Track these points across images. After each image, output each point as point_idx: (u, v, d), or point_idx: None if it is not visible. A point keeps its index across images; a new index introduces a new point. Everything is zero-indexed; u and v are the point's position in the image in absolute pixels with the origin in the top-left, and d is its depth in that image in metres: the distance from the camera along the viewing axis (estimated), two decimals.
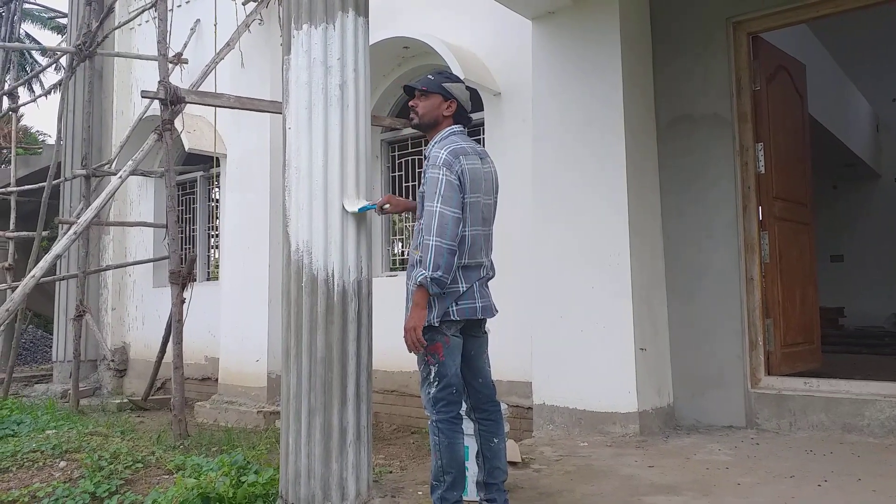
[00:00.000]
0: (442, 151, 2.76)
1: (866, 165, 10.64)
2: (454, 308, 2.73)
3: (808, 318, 5.13)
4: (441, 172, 2.71)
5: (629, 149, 4.62)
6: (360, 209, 3.09)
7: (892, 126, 11.22)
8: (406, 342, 2.70)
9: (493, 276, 2.94)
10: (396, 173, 7.12)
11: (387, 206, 3.11)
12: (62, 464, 3.87)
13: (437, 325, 2.71)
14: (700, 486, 3.28)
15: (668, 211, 4.92)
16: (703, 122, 4.86)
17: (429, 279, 2.63)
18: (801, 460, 3.67)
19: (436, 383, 2.72)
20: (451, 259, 2.65)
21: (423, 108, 2.95)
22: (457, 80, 3.03)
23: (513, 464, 3.59)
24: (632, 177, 4.62)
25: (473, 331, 2.87)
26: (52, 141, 14.28)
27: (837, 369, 5.04)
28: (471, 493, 3.03)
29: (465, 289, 2.76)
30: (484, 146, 5.56)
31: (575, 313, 4.65)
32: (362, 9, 3.38)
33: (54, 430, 4.61)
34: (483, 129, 6.11)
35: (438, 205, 2.67)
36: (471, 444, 2.99)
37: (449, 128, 2.90)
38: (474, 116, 6.19)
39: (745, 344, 4.61)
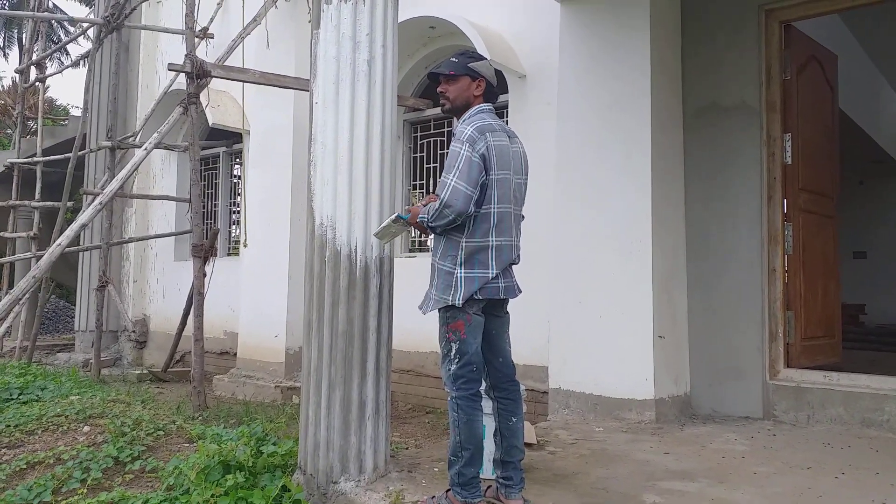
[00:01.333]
0: (468, 127, 2.76)
1: (894, 162, 10.47)
2: (478, 293, 2.74)
3: (829, 311, 5.08)
4: (463, 148, 2.70)
5: (655, 135, 4.59)
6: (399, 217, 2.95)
7: None
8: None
9: (517, 262, 2.93)
10: (418, 154, 7.12)
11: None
12: (86, 428, 3.96)
13: (459, 305, 2.73)
14: (715, 473, 3.28)
15: (693, 199, 4.89)
16: (731, 111, 4.81)
17: (425, 224, 2.75)
18: (818, 452, 3.65)
19: (456, 360, 2.74)
20: (448, 226, 2.71)
21: (452, 91, 2.92)
22: (480, 58, 3.01)
23: (528, 445, 3.60)
24: (657, 164, 4.58)
25: (495, 310, 2.88)
26: (78, 112, 14.42)
27: (857, 365, 4.99)
28: (487, 470, 3.05)
29: (493, 274, 2.75)
30: None
31: (594, 299, 4.65)
32: None
33: (78, 397, 4.71)
34: (507, 112, 6.08)
35: (454, 178, 2.67)
36: (489, 423, 3.01)
37: (478, 106, 2.89)
38: (499, 99, 6.19)
39: (764, 335, 4.58)
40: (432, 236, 2.90)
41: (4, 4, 24.67)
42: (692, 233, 4.88)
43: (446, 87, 2.93)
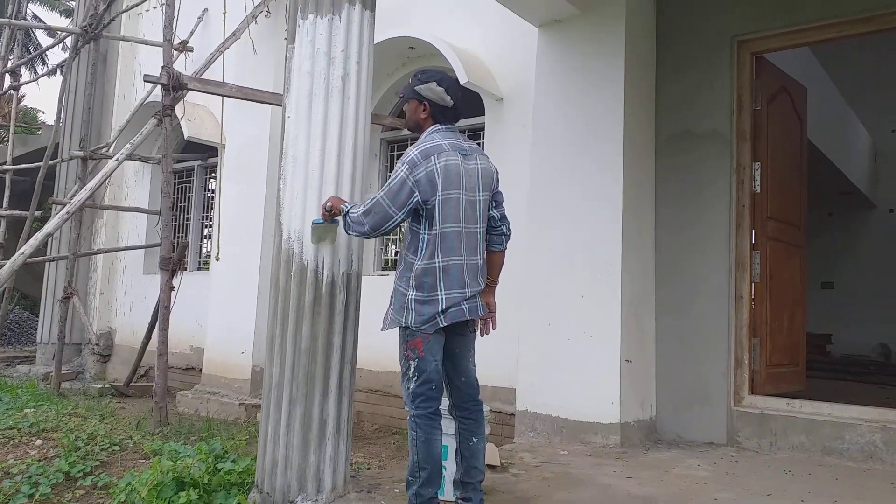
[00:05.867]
0: (414, 150, 2.81)
1: (862, 195, 10.70)
2: (441, 316, 2.73)
3: (794, 339, 5.13)
4: (402, 170, 2.75)
5: (627, 161, 4.63)
6: (313, 223, 3.03)
7: (890, 157, 11.29)
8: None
9: (480, 286, 2.90)
10: None
11: (328, 204, 2.98)
12: (38, 442, 3.85)
13: (414, 329, 2.71)
14: (677, 499, 3.27)
15: (663, 225, 4.93)
16: (702, 139, 4.88)
17: (345, 212, 2.85)
18: (779, 480, 3.66)
19: (415, 378, 2.72)
20: (358, 234, 2.86)
21: (407, 112, 3.02)
22: (428, 78, 2.92)
23: (491, 467, 3.57)
24: (628, 189, 4.62)
25: (459, 329, 2.86)
26: (51, 121, 14.25)
27: (821, 393, 5.04)
28: (447, 492, 3.02)
29: (444, 303, 2.72)
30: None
31: (563, 321, 4.65)
32: (369, 2, 3.39)
33: (33, 409, 4.58)
34: (483, 134, 6.11)
35: (382, 194, 2.75)
36: (450, 443, 2.98)
37: (433, 126, 2.90)
38: (475, 121, 6.21)
39: (730, 362, 4.61)
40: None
41: None
42: (662, 258, 4.91)
43: (405, 108, 3.03)
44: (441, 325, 2.73)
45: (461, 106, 2.96)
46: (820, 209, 10.59)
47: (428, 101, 2.89)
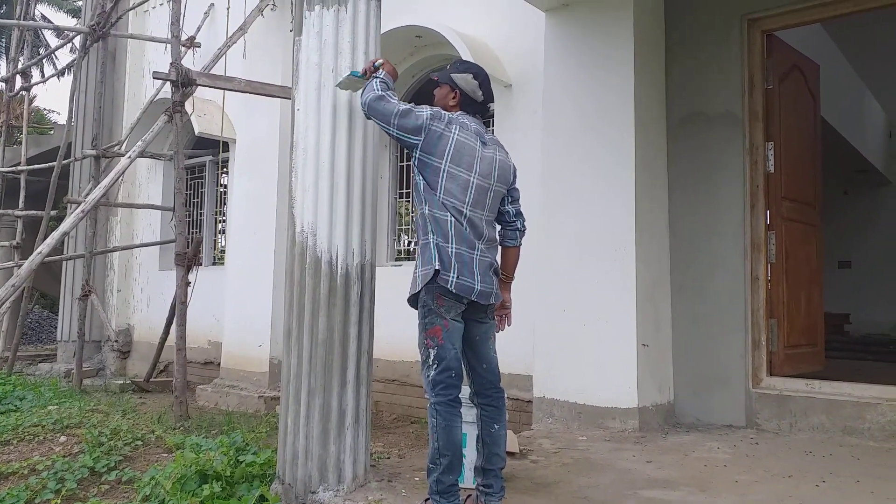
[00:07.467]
0: (446, 113, 2.84)
1: (878, 172, 10.57)
2: (453, 279, 2.69)
3: (812, 320, 5.09)
4: (427, 111, 2.79)
5: (639, 143, 4.60)
6: (350, 74, 3.08)
7: None
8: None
9: (496, 266, 2.91)
10: (404, 163, 7.10)
11: (379, 62, 2.99)
12: (62, 438, 3.90)
13: (432, 305, 2.70)
14: (697, 481, 3.27)
15: (676, 207, 4.90)
16: (714, 120, 4.83)
17: (375, 82, 2.87)
18: (800, 461, 3.65)
19: (435, 366, 2.72)
20: (365, 95, 2.87)
21: (436, 96, 3.03)
22: (466, 69, 3.01)
23: (510, 454, 3.58)
24: (641, 172, 4.59)
25: (477, 316, 2.86)
26: (63, 121, 14.35)
27: (841, 373, 5.00)
28: (467, 479, 3.03)
29: (450, 260, 2.70)
30: None
31: (578, 307, 4.64)
32: None
33: (56, 406, 4.64)
34: (493, 121, 6.08)
35: (401, 106, 2.77)
36: (470, 431, 2.99)
37: (459, 112, 2.92)
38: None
39: (747, 343, 4.59)
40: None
41: None
42: (676, 241, 4.89)
43: (436, 91, 3.04)
44: (451, 291, 2.68)
45: (489, 104, 3.01)
46: (835, 187, 10.48)
47: (460, 90, 2.93)
